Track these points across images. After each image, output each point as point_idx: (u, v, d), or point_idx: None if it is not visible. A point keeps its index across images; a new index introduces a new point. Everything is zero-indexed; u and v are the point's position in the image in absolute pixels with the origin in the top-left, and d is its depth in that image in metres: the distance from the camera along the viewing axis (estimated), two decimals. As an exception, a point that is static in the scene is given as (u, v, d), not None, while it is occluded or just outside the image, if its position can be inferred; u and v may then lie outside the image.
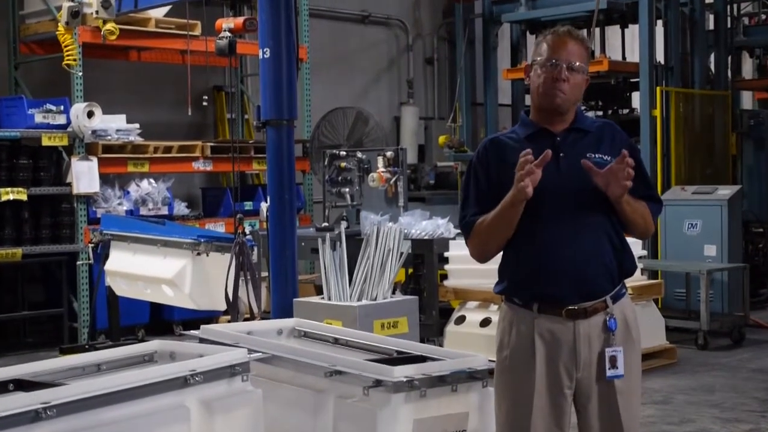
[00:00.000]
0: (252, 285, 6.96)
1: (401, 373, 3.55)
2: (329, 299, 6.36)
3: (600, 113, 12.39)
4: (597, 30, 11.09)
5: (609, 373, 3.33)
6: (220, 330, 4.26)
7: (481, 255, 3.47)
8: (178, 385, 3.42)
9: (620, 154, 3.29)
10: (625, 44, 12.03)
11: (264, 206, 7.47)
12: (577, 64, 3.38)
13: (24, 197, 9.12)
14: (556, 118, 3.43)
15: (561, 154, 3.38)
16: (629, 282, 8.04)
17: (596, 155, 3.38)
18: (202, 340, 4.19)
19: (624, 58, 11.96)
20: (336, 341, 4.34)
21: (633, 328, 3.45)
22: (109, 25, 8.25)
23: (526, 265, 3.38)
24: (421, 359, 3.88)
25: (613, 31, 12.40)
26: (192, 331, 4.35)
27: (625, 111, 12.17)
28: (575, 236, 3.33)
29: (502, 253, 3.47)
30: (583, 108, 11.84)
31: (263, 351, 3.84)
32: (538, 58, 3.41)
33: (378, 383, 3.54)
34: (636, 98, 11.60)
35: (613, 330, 3.35)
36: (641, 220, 3.42)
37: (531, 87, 3.46)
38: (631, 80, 11.61)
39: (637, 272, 8.40)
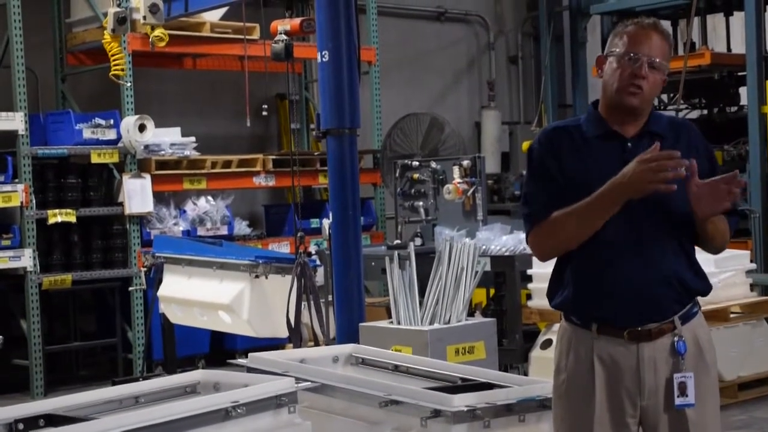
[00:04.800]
0: (315, 309, 7.02)
1: (462, 402, 3.57)
2: (398, 323, 6.37)
3: (705, 112, 12.25)
4: (697, 19, 10.95)
5: (678, 401, 3.29)
6: (269, 358, 4.32)
7: (546, 253, 3.44)
8: (219, 418, 3.48)
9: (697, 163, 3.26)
10: (730, 34, 11.86)
11: (326, 223, 7.52)
12: (658, 61, 3.33)
13: (73, 219, 9.29)
14: (628, 119, 3.38)
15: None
16: (736, 300, 8.04)
17: None
18: (249, 369, 4.25)
19: (729, 49, 11.81)
20: (396, 368, 4.37)
21: (706, 352, 3.40)
22: (158, 31, 8.39)
23: (583, 282, 3.35)
24: (487, 386, 3.88)
25: (718, 20, 12.25)
26: (240, 360, 4.41)
27: (733, 109, 12.00)
28: (639, 251, 3.30)
29: (555, 264, 3.44)
30: (684, 107, 11.89)
31: (313, 380, 3.88)
32: (616, 50, 3.36)
33: (437, 413, 3.56)
34: (744, 94, 11.43)
35: (682, 353, 3.31)
36: (720, 238, 3.41)
37: (603, 81, 3.40)
38: (738, 74, 11.45)
39: (746, 289, 8.28)
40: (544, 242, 3.39)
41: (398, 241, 8.92)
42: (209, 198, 10.29)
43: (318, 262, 8.06)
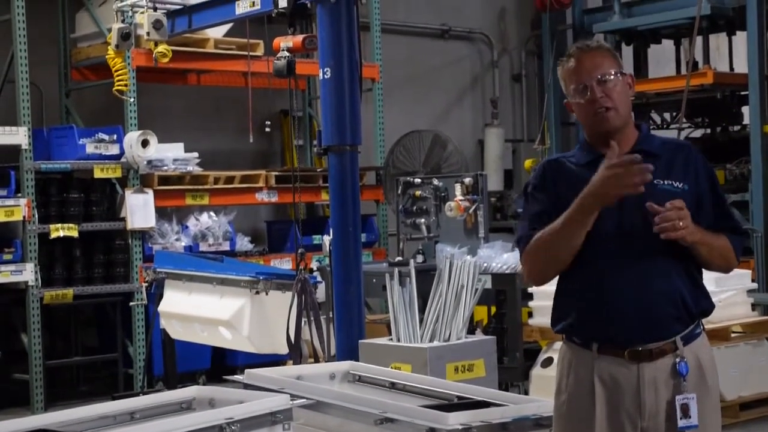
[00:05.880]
0: (315, 326, 7.00)
1: (456, 420, 3.55)
2: (398, 340, 6.36)
3: (707, 131, 12.25)
4: (700, 38, 10.95)
5: (681, 423, 3.27)
6: (265, 375, 4.31)
7: (537, 275, 3.43)
8: (213, 435, 3.47)
9: (695, 181, 3.29)
10: (732, 53, 11.88)
11: (327, 239, 7.51)
12: (610, 73, 3.39)
13: (75, 234, 9.29)
14: (615, 139, 3.37)
15: None
16: (737, 319, 8.02)
17: (665, 182, 3.33)
18: (246, 386, 4.24)
19: (732, 69, 11.81)
20: (392, 386, 4.35)
21: (708, 374, 3.38)
22: (161, 47, 8.38)
23: (583, 302, 3.36)
24: (483, 405, 3.87)
25: (721, 40, 12.27)
26: (236, 376, 4.40)
27: (736, 128, 11.99)
28: (640, 271, 3.29)
29: (557, 287, 3.44)
30: (686, 125, 11.88)
31: (309, 397, 3.87)
32: (569, 92, 3.44)
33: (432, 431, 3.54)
34: (747, 113, 11.43)
35: (683, 375, 3.29)
36: (720, 260, 3.40)
37: (579, 120, 3.49)
38: (741, 93, 11.45)
39: (747, 308, 8.25)
40: (534, 264, 3.41)
41: (400, 258, 8.92)
42: (212, 214, 10.28)
43: (319, 279, 8.06)
